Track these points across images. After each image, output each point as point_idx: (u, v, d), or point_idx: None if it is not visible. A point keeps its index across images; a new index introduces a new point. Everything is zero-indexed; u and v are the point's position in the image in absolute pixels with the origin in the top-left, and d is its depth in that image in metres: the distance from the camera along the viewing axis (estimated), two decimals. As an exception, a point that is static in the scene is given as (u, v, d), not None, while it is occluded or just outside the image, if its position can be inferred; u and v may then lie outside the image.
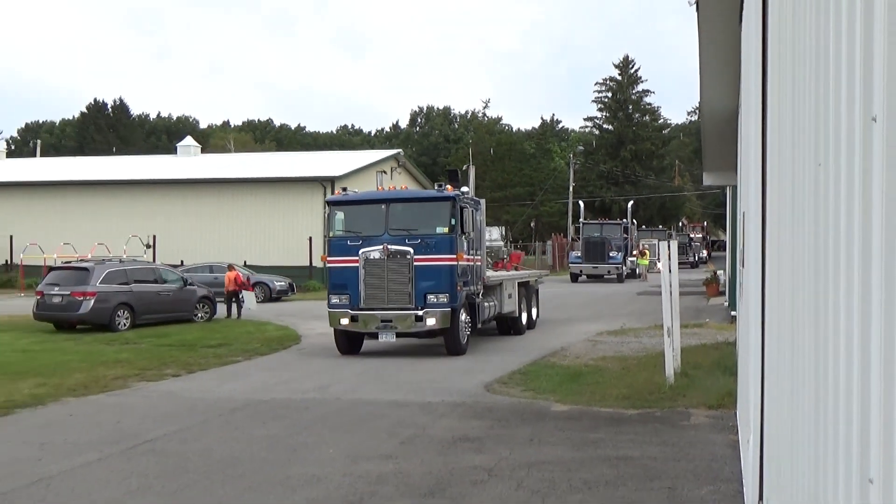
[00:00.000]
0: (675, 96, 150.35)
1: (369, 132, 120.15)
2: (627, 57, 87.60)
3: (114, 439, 10.00)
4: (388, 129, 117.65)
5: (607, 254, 47.59)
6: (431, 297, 16.68)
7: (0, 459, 9.09)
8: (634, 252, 52.72)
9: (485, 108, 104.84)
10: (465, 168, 19.50)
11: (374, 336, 17.51)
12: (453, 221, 17.18)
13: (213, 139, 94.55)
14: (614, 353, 16.94)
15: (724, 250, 38.57)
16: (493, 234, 75.52)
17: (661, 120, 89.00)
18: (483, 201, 20.89)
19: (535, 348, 18.28)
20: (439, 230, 17.22)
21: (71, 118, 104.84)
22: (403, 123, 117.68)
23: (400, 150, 61.82)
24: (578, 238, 51.95)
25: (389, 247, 16.88)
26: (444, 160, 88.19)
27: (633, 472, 8.11)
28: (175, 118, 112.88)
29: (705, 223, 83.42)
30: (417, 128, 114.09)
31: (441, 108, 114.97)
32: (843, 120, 2.26)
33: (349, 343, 17.90)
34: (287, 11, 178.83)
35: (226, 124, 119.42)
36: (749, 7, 6.43)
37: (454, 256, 16.92)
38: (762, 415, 5.73)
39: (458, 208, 17.35)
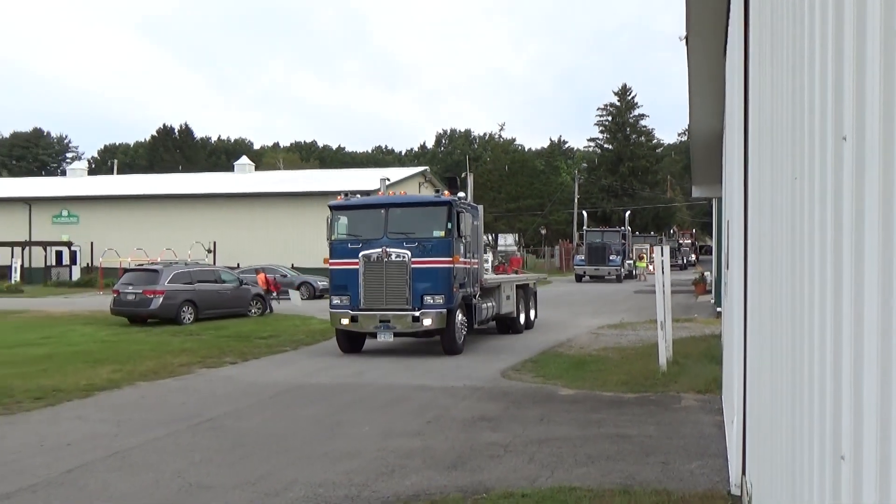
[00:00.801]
0: (667, 119, 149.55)
1: (400, 151, 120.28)
2: (625, 85, 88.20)
3: (180, 417, 10.08)
4: (417, 149, 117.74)
5: (608, 257, 47.82)
6: (428, 299, 15.46)
7: (83, 434, 9.18)
8: (634, 256, 52.68)
9: (500, 130, 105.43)
10: (463, 175, 17.72)
11: (374, 335, 16.12)
12: (449, 225, 15.86)
13: (266, 158, 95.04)
14: (614, 345, 16.87)
15: (711, 254, 38.46)
16: (508, 240, 75.44)
17: (655, 140, 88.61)
18: (481, 207, 19.12)
19: (532, 346, 16.96)
20: (436, 234, 15.92)
21: (143, 141, 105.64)
22: (430, 144, 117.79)
23: (427, 167, 61.98)
24: (582, 243, 51.91)
25: (388, 249, 15.60)
26: (465, 175, 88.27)
27: (632, 449, 8.07)
28: (233, 140, 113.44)
29: (693, 230, 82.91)
30: (442, 148, 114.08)
31: (462, 130, 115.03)
32: (817, 139, 2.25)
33: (350, 343, 16.57)
34: (330, 49, 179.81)
35: (276, 145, 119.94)
36: (732, 41, 6.41)
37: (450, 259, 15.63)
38: (744, 398, 5.71)
39: (455, 213, 16.03)
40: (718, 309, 19.91)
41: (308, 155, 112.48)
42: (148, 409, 10.71)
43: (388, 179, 18.56)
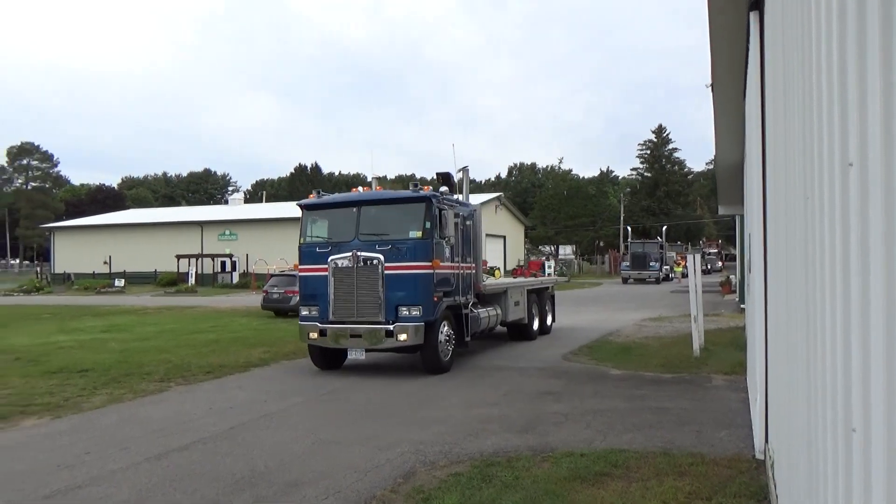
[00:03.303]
0: (696, 151, 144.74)
1: (480, 181, 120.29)
2: (661, 125, 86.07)
3: (311, 389, 10.31)
4: (493, 179, 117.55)
5: (648, 263, 47.02)
6: (403, 310, 10.97)
7: (241, 400, 9.49)
8: (672, 262, 51.44)
9: (559, 163, 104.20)
10: (460, 171, 14.45)
11: (344, 352, 11.66)
12: (428, 225, 11.22)
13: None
14: (654, 334, 16.38)
15: (735, 261, 37.22)
16: (567, 250, 74.47)
17: (686, 169, 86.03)
18: (479, 206, 13.93)
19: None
20: (412, 234, 11.27)
21: (285, 176, 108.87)
22: (503, 175, 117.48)
23: (501, 193, 61.76)
24: (627, 253, 50.87)
25: (359, 254, 11.17)
26: (532, 199, 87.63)
27: (670, 419, 7.81)
28: (351, 175, 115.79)
29: (720, 241, 79.94)
30: (513, 178, 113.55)
31: (529, 163, 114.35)
32: (825, 164, 2.16)
33: (325, 359, 11.88)
34: (422, 103, 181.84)
35: (384, 178, 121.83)
36: (751, 85, 6.19)
37: (428, 264, 11.07)
38: (766, 378, 5.49)
39: (435, 210, 11.34)
40: (742, 305, 19.15)
41: (408, 185, 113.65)
42: (288, 382, 10.97)
43: (385, 176, 14.75)
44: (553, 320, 17.50)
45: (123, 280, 46.82)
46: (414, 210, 11.48)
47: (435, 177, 13.13)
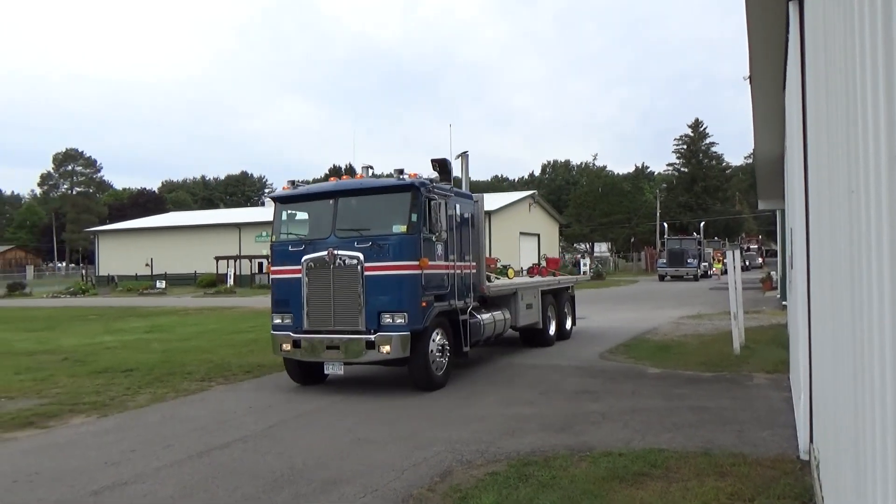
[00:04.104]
0: (734, 145, 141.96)
1: (513, 179, 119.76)
2: (697, 119, 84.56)
3: (349, 387, 10.37)
4: (527, 177, 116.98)
5: (686, 260, 46.30)
6: (386, 317, 9.45)
7: (279, 399, 9.60)
8: (711, 258, 50.52)
9: (594, 159, 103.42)
10: (459, 156, 12.37)
11: (322, 366, 10.06)
12: (414, 218, 9.65)
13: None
14: (693, 332, 16.10)
15: (775, 256, 36.41)
16: (602, 248, 73.87)
17: (724, 163, 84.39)
18: (481, 197, 12.01)
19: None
20: (396, 229, 9.71)
21: (319, 177, 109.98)
22: (537, 172, 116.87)
23: (535, 191, 61.42)
24: (664, 249, 50.12)
25: (336, 252, 9.67)
26: (566, 197, 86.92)
27: (710, 418, 7.67)
28: (384, 175, 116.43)
29: (759, 237, 78.23)
30: (547, 175, 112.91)
31: (563, 160, 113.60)
32: (871, 157, 2.10)
33: (302, 373, 10.44)
34: (455, 102, 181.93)
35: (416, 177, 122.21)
36: (791, 77, 6.04)
37: (415, 263, 9.52)
38: (810, 377, 5.36)
39: (423, 201, 9.77)
40: (784, 302, 18.73)
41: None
42: (326, 381, 11.06)
43: (372, 167, 11.01)
44: (573, 323, 16.12)
45: (164, 281, 47.92)
46: (398, 201, 9.85)
47: (431, 165, 11.14)
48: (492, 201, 50.61)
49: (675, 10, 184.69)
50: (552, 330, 14.64)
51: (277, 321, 10.18)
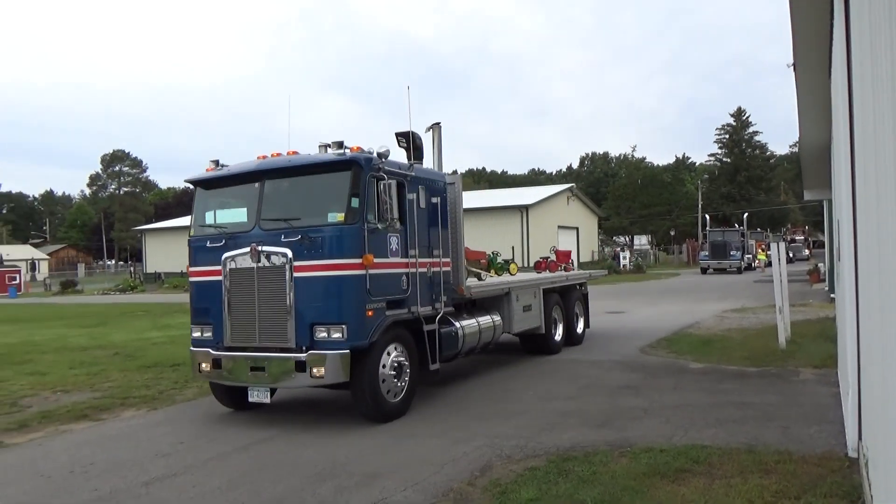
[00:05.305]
0: (778, 134, 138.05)
1: (551, 172, 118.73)
2: (740, 108, 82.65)
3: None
4: (564, 170, 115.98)
5: (728, 252, 45.32)
6: (320, 331, 7.42)
7: (319, 394, 9.68)
8: (754, 249, 49.37)
9: (633, 151, 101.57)
10: (429, 129, 9.62)
11: (245, 391, 8.07)
12: (355, 203, 7.56)
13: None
14: (737, 326, 15.75)
15: (823, 248, 35.43)
16: (642, 240, 72.68)
17: (768, 152, 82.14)
18: (457, 177, 9.92)
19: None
20: (332, 218, 7.61)
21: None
22: (575, 165, 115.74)
23: (573, 184, 60.85)
24: (706, 241, 49.15)
25: (260, 248, 7.68)
26: (605, 189, 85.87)
27: (755, 414, 7.52)
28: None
29: (806, 227, 76.02)
30: (585, 168, 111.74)
31: (601, 152, 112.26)
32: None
33: (230, 395, 8.53)
34: (492, 96, 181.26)
35: (455, 172, 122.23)
36: (836, 64, 5.87)
37: (356, 262, 7.45)
38: (859, 373, 5.22)
39: (367, 181, 7.63)
40: (832, 295, 18.21)
41: (479, 178, 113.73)
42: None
43: (347, 147, 7.93)
44: (586, 325, 14.07)
45: (209, 278, 48.84)
46: (335, 182, 7.74)
47: (396, 140, 9.11)
48: (529, 195, 50.41)
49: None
50: (558, 335, 12.73)
51: (196, 335, 8.27)
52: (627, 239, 78.14)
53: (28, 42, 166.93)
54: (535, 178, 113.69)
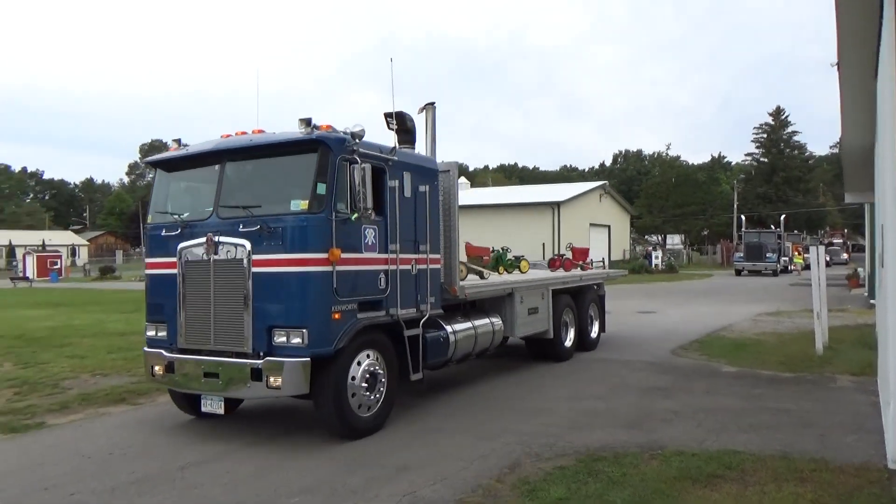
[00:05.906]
0: (818, 134, 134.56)
1: (583, 169, 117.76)
2: (779, 107, 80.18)
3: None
4: (597, 167, 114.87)
5: (764, 254, 44.46)
6: (279, 335, 6.52)
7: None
8: (791, 252, 48.35)
9: (667, 149, 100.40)
10: (421, 109, 8.58)
11: (198, 400, 7.21)
12: (321, 189, 6.55)
13: (478, 178, 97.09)
14: (772, 330, 15.45)
15: (862, 252, 34.50)
16: (675, 240, 71.55)
17: (807, 153, 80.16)
18: (454, 164, 8.85)
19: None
20: (295, 206, 6.60)
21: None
22: (608, 162, 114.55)
23: (606, 181, 60.19)
24: (741, 242, 48.28)
25: (216, 239, 6.83)
26: (637, 188, 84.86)
27: (790, 421, 7.38)
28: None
29: (845, 230, 74.08)
30: (618, 165, 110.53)
31: (635, 150, 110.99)
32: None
33: (188, 400, 7.57)
34: (525, 91, 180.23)
35: (486, 167, 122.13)
36: (884, 64, 5.70)
37: (321, 256, 6.48)
38: (901, 383, 5.07)
39: (337, 164, 6.64)
40: (872, 301, 17.76)
41: (511, 174, 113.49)
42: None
43: (316, 125, 6.75)
44: (602, 329, 13.08)
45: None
46: (300, 164, 6.76)
47: (385, 121, 8.13)
48: (561, 192, 50.01)
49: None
50: (569, 340, 11.72)
51: (151, 333, 7.45)
52: (660, 238, 77.15)
53: (75, 37, 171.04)
54: (567, 174, 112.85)
